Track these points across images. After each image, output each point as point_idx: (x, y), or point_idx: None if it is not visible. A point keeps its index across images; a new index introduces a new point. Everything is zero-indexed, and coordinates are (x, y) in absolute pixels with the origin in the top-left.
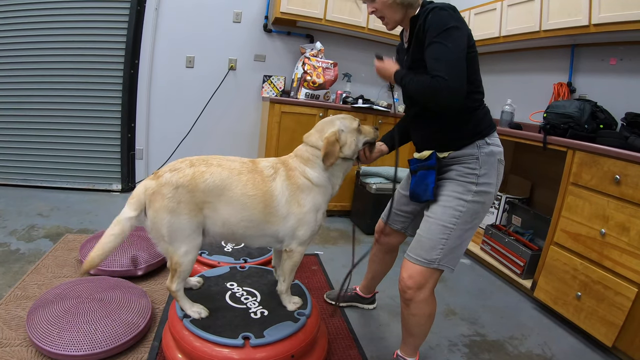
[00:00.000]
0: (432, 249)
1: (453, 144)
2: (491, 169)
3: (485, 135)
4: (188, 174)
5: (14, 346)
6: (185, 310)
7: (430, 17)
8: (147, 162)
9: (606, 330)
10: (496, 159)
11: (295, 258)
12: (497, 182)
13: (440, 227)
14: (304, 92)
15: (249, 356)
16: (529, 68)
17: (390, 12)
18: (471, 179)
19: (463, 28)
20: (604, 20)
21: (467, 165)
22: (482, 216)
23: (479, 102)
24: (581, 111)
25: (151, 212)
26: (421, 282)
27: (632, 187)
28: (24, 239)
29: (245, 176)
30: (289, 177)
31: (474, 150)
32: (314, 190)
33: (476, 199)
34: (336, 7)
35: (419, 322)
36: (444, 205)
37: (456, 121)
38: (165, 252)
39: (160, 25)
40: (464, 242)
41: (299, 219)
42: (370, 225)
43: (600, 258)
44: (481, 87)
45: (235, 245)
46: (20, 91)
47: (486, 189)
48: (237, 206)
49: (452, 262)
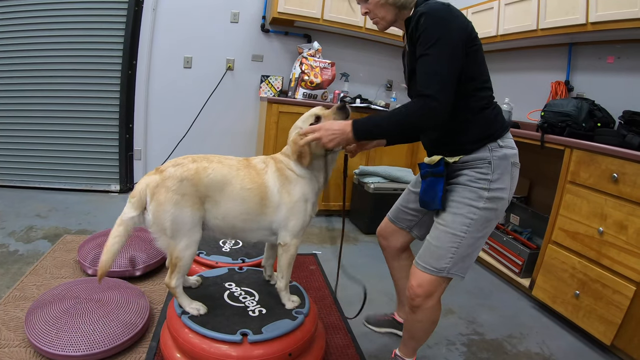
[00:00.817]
0: (442, 257)
1: (463, 148)
2: (504, 173)
3: (497, 137)
4: (192, 168)
5: (13, 347)
6: (184, 307)
7: (422, 22)
8: (145, 162)
9: (605, 328)
10: (509, 162)
11: (290, 251)
12: (511, 186)
13: (450, 236)
14: (301, 92)
15: (246, 352)
16: (527, 67)
17: (383, 13)
18: (483, 185)
19: (456, 28)
20: (601, 19)
21: (479, 170)
22: (494, 223)
23: (488, 100)
24: (579, 110)
25: (154, 205)
26: (430, 291)
27: (629, 185)
28: (23, 240)
29: (243, 171)
30: (278, 169)
31: (486, 154)
32: (299, 181)
33: (488, 205)
34: (333, 7)
35: (423, 328)
36: (454, 213)
37: (465, 124)
38: (165, 247)
39: (158, 25)
40: (476, 251)
41: (289, 208)
42: (368, 225)
43: (599, 256)
44: (489, 82)
45: (233, 245)
46: (17, 92)
47: (499, 195)
48: (237, 199)
49: (462, 270)
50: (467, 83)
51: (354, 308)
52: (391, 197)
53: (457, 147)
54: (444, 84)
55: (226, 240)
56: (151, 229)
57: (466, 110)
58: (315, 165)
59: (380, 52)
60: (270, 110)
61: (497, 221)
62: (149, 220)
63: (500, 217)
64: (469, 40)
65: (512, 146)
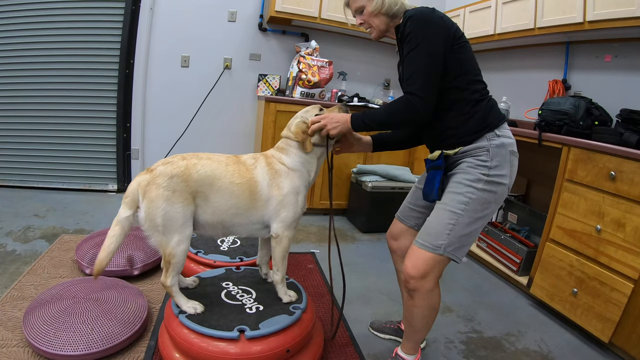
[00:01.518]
0: (439, 234)
1: (461, 141)
2: (503, 161)
3: (494, 127)
4: (182, 165)
5: (11, 347)
6: (181, 306)
7: (408, 25)
8: (142, 162)
9: (602, 326)
10: (508, 150)
11: (284, 243)
12: (511, 174)
13: (448, 213)
14: (299, 91)
15: (244, 349)
16: (524, 65)
17: (376, 22)
18: (482, 170)
19: (438, 29)
20: (599, 17)
21: (478, 157)
22: (494, 208)
23: (482, 93)
24: (576, 108)
25: (146, 202)
26: (425, 271)
27: (627, 183)
28: (20, 240)
29: (232, 167)
30: (268, 164)
31: (484, 142)
32: (290, 174)
33: (487, 187)
34: (331, 6)
35: (423, 314)
36: (453, 192)
37: (462, 116)
38: (158, 244)
39: (155, 24)
40: (473, 233)
41: (280, 201)
42: (366, 223)
43: (596, 254)
44: (480, 75)
45: (231, 244)
46: (15, 92)
47: (498, 180)
48: (226, 194)
49: (458, 251)
50: (461, 77)
51: (353, 307)
52: (389, 196)
53: (456, 140)
54: (425, 82)
55: (224, 239)
56: (144, 226)
57: (463, 103)
58: (308, 156)
59: (378, 51)
60: (268, 109)
61: (497, 206)
62: (141, 218)
63: (500, 202)
64: (454, 39)
65: (509, 136)
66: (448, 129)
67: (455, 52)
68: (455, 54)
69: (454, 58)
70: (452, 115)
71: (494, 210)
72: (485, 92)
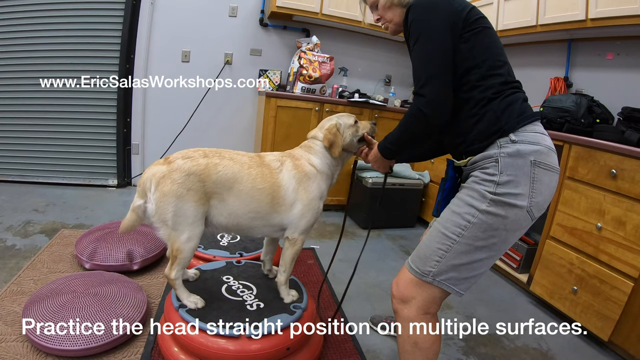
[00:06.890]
0: (427, 259)
1: (469, 150)
2: (519, 175)
3: (509, 130)
4: (202, 164)
5: (10, 341)
6: (182, 299)
7: (409, 15)
8: (143, 157)
9: (602, 324)
10: (527, 160)
11: (297, 246)
12: (534, 193)
13: (441, 236)
14: (300, 86)
15: (244, 347)
16: (526, 62)
17: (390, 15)
18: (487, 187)
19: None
20: (601, 15)
21: (485, 170)
22: (504, 237)
23: (497, 89)
24: (578, 105)
25: (157, 195)
26: (406, 295)
27: (628, 182)
28: (20, 235)
29: (255, 170)
30: (296, 166)
31: (493, 150)
32: (318, 177)
33: (492, 209)
34: (332, 2)
35: (404, 348)
36: (452, 210)
37: (470, 119)
38: (166, 238)
39: (156, 19)
40: (476, 264)
41: (305, 205)
42: (366, 219)
43: (597, 252)
44: (498, 68)
45: (231, 239)
46: (15, 86)
47: (510, 200)
48: (246, 199)
49: (454, 282)
50: (470, 73)
51: (353, 302)
52: (389, 192)
53: (464, 148)
54: (430, 78)
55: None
56: (153, 218)
57: (472, 104)
58: (337, 160)
59: (379, 47)
60: (269, 104)
61: (509, 235)
62: (151, 210)
63: (516, 230)
64: (465, 25)
65: (532, 141)
66: (457, 136)
67: (467, 40)
68: (466, 43)
69: (464, 48)
70: (461, 119)
71: (506, 240)
72: (503, 88)
